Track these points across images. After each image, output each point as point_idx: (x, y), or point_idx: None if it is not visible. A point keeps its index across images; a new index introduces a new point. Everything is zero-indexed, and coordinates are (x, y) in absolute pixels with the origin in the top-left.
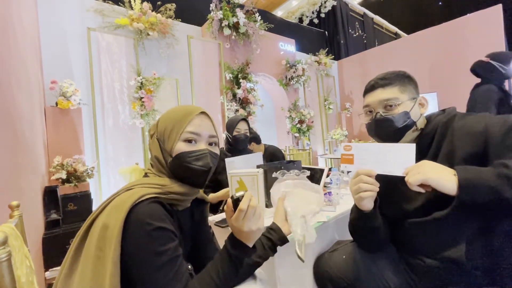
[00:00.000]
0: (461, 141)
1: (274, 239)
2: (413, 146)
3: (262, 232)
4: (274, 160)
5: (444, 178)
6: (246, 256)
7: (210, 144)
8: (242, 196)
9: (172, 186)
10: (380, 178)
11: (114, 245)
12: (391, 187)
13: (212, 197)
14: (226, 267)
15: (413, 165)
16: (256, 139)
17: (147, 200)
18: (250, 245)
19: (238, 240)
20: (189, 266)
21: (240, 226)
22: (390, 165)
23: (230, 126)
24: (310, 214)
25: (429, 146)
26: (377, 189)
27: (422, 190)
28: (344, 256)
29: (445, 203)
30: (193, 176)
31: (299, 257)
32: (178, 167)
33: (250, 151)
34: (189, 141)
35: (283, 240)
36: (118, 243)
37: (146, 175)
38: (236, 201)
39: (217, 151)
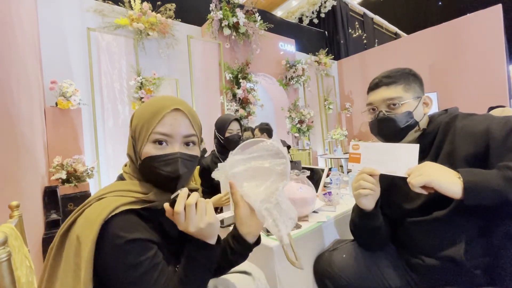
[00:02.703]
0: (462, 141)
1: (238, 251)
2: (416, 147)
3: (227, 240)
4: None
5: (448, 181)
6: (209, 252)
7: (188, 144)
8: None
9: (148, 195)
10: (381, 177)
11: (85, 264)
12: (392, 186)
13: None
14: (192, 268)
15: (415, 166)
16: (269, 131)
17: (119, 212)
18: (212, 241)
19: (196, 239)
20: None
21: (186, 228)
22: (393, 165)
23: (221, 126)
24: (276, 192)
25: (430, 145)
26: (377, 189)
27: (424, 192)
28: (344, 255)
29: (445, 202)
30: (162, 182)
31: (292, 263)
32: (147, 172)
33: None
34: (159, 142)
35: (250, 247)
36: (89, 262)
37: (121, 176)
38: (173, 204)
39: (195, 152)
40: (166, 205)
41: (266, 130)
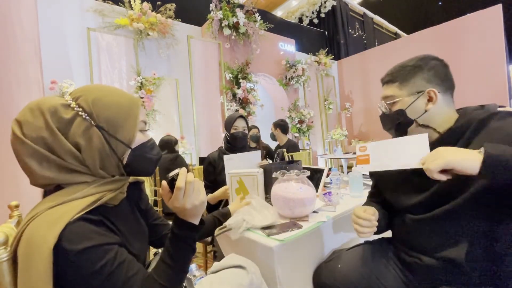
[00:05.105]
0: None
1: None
2: (425, 136)
3: (218, 215)
4: (291, 151)
5: (467, 157)
6: (195, 233)
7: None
8: (177, 175)
9: (102, 191)
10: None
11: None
12: (398, 179)
13: (211, 197)
14: (180, 249)
15: (428, 153)
16: (282, 126)
17: (66, 225)
18: (197, 222)
19: (184, 221)
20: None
21: (183, 205)
22: (405, 158)
23: (228, 123)
24: (253, 223)
25: (456, 141)
26: (375, 230)
27: (443, 178)
28: (339, 265)
29: (448, 199)
30: (150, 167)
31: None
32: (139, 159)
33: (250, 150)
34: (142, 130)
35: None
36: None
37: (59, 186)
38: (172, 181)
39: None
40: (164, 183)
41: (280, 125)
